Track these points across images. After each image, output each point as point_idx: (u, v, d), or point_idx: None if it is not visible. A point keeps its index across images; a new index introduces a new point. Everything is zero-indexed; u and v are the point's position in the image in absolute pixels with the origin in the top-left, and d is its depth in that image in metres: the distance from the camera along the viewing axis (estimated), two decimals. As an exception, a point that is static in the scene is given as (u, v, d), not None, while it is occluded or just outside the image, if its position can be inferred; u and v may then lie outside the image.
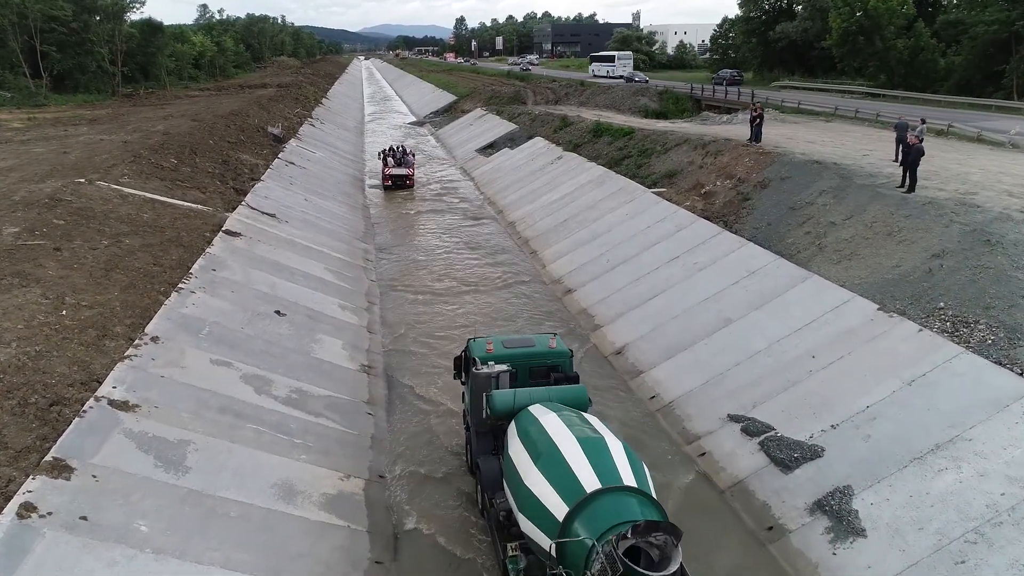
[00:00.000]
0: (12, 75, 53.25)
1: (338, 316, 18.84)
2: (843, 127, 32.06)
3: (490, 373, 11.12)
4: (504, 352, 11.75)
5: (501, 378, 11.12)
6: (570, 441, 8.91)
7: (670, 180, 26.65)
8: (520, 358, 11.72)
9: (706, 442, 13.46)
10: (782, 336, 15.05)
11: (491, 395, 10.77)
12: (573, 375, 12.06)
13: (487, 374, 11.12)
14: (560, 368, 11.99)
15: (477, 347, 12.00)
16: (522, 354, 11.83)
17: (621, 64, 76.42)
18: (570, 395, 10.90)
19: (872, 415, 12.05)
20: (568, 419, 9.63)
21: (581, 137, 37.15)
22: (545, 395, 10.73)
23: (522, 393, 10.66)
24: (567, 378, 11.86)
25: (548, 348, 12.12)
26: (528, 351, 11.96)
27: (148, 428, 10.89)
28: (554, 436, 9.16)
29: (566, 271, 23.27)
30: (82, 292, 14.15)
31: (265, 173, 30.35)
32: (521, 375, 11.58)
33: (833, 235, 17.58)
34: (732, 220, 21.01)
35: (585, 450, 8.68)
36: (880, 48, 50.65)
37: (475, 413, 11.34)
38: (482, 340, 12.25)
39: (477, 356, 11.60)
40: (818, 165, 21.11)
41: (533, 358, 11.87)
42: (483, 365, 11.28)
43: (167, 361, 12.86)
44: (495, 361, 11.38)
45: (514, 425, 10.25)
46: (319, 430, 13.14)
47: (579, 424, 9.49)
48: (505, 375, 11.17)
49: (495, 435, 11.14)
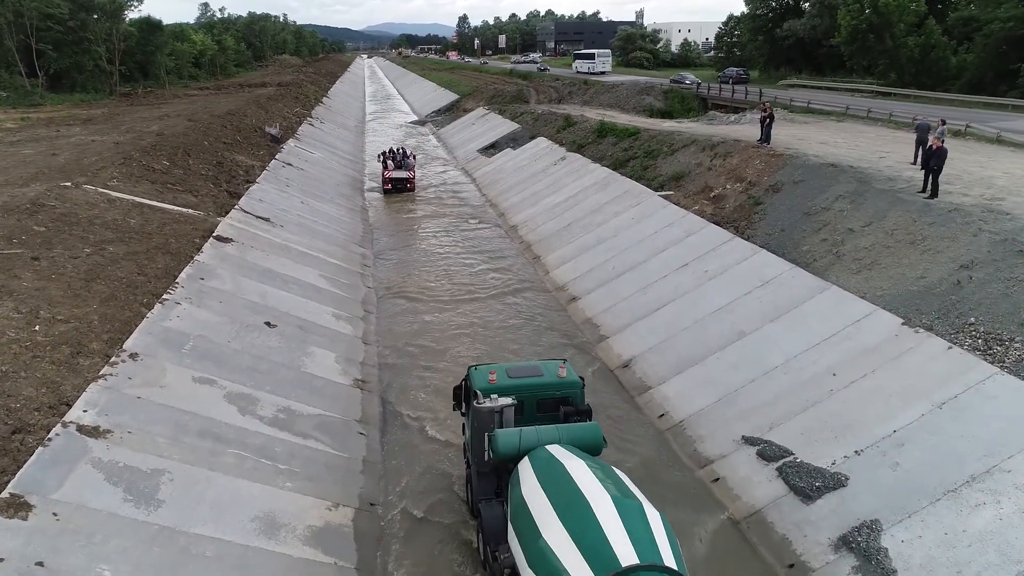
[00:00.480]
0: (8, 74, 52.53)
1: (332, 326, 18.03)
2: (856, 127, 31.14)
3: (493, 408, 10.11)
4: (508, 383, 10.73)
5: (505, 412, 10.13)
6: (603, 499, 7.75)
7: (677, 183, 25.79)
8: (526, 389, 10.71)
9: (720, 467, 12.62)
10: (799, 351, 14.20)
11: (494, 435, 9.74)
12: (585, 408, 11.01)
13: (489, 409, 10.12)
14: (570, 400, 10.94)
15: (478, 377, 10.99)
16: (528, 385, 10.80)
17: (600, 61, 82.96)
18: (583, 435, 9.82)
19: (899, 441, 11.20)
20: (598, 471, 8.50)
21: (585, 137, 36.30)
22: (555, 435, 9.68)
23: (529, 433, 9.65)
24: (578, 412, 10.85)
25: (557, 378, 11.03)
26: (535, 381, 10.91)
27: (119, 457, 10.09)
28: (584, 489, 8.00)
29: (570, 278, 22.43)
30: (58, 305, 13.36)
31: (261, 175, 29.55)
32: (527, 408, 10.66)
33: (851, 243, 16.70)
34: (743, 226, 20.15)
35: (621, 514, 7.55)
36: (890, 46, 49.62)
37: (476, 451, 10.38)
38: (484, 369, 11.23)
39: (478, 388, 10.60)
40: (833, 168, 20.23)
41: (540, 389, 10.84)
42: (485, 398, 10.27)
43: (145, 380, 12.06)
44: (498, 393, 10.38)
45: (528, 466, 9.11)
46: (307, 453, 12.33)
47: (612, 480, 8.35)
48: (510, 409, 10.16)
49: (499, 476, 10.15)
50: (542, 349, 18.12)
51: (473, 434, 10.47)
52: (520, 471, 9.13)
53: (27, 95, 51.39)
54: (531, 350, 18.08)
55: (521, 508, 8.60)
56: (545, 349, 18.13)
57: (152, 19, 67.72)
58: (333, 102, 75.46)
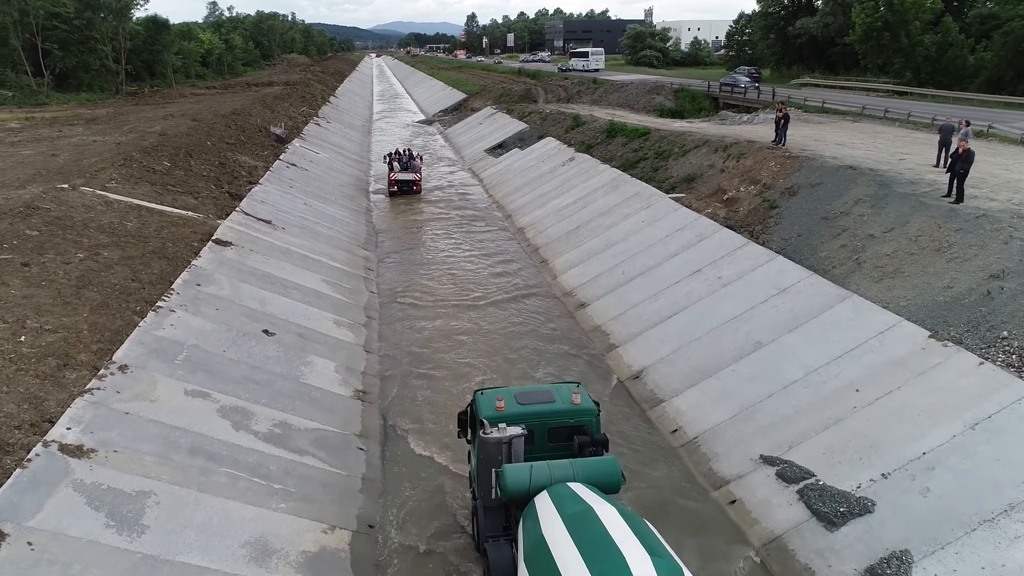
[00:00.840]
0: (14, 73, 52.27)
1: (332, 334, 17.48)
2: (873, 128, 30.31)
3: (500, 438, 9.31)
4: (517, 410, 9.92)
5: (514, 443, 9.36)
6: (641, 557, 7.03)
7: (689, 185, 25.10)
8: (537, 417, 9.91)
9: (737, 488, 11.98)
10: (820, 364, 13.53)
11: (502, 472, 8.91)
12: (601, 438, 10.14)
13: (497, 440, 9.31)
14: (585, 429, 10.09)
15: (485, 404, 10.14)
16: (539, 412, 9.97)
17: (593, 59, 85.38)
18: (600, 471, 8.97)
19: (929, 464, 10.53)
20: (631, 521, 7.73)
21: (594, 137, 35.61)
22: (569, 471, 8.83)
23: (540, 469, 8.83)
24: (594, 442, 10.00)
25: (571, 405, 10.15)
26: (546, 408, 10.06)
27: (103, 478, 9.56)
28: (618, 541, 7.30)
29: (578, 283, 21.80)
30: (47, 314, 12.84)
31: (264, 176, 29.07)
32: (538, 437, 9.89)
33: (873, 249, 16.00)
34: (758, 230, 19.45)
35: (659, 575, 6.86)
36: (905, 44, 48.69)
37: (483, 485, 9.54)
38: (491, 394, 10.38)
39: (485, 417, 9.78)
40: (852, 171, 19.50)
41: (552, 417, 10.01)
42: (492, 428, 9.46)
43: (134, 394, 11.53)
44: (507, 421, 9.59)
45: (549, 503, 8.22)
46: (302, 471, 11.77)
47: (646, 534, 7.58)
48: (519, 440, 9.38)
49: (507, 512, 9.37)
50: (549, 358, 17.52)
51: (479, 466, 9.67)
52: (538, 507, 8.31)
53: (33, 94, 51.13)
54: (538, 359, 17.47)
55: (540, 550, 7.78)
56: (552, 358, 17.53)
57: (159, 18, 67.39)
58: (340, 101, 75.06)
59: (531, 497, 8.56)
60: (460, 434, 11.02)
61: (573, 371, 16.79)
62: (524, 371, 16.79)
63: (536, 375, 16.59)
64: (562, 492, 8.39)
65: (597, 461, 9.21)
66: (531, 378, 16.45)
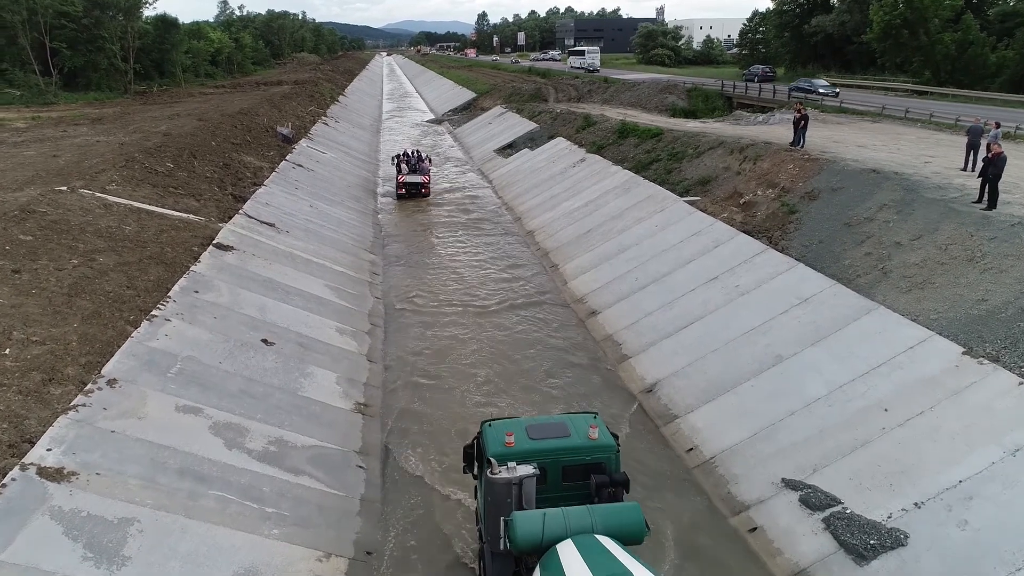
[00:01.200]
0: (22, 73, 52.12)
1: (334, 343, 16.89)
2: (893, 128, 29.42)
3: (510, 480, 8.39)
4: (529, 445, 9.00)
5: (525, 485, 8.43)
6: None
7: (704, 188, 24.35)
8: (550, 454, 9.00)
9: (757, 514, 11.27)
10: (845, 381, 12.79)
11: (511, 521, 7.92)
12: (620, 477, 9.09)
13: (506, 481, 8.38)
14: (603, 467, 9.11)
15: (492, 438, 9.21)
16: (553, 448, 9.04)
17: (590, 57, 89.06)
18: (621, 520, 7.96)
19: (967, 493, 9.80)
20: None
21: (605, 138, 34.89)
22: (587, 519, 7.85)
23: (554, 517, 7.83)
24: (612, 482, 8.99)
25: (587, 440, 9.15)
26: (561, 444, 9.10)
27: (83, 504, 8.99)
28: None
29: (589, 289, 21.12)
30: (35, 324, 12.31)
31: (269, 177, 28.56)
32: (551, 475, 8.97)
33: (899, 258, 15.22)
34: (777, 236, 18.70)
35: None
36: (925, 42, 47.62)
37: (491, 529, 8.59)
38: (500, 426, 9.42)
39: (493, 454, 8.84)
40: (875, 174, 18.71)
41: (567, 453, 9.07)
42: (501, 467, 8.51)
43: (122, 411, 10.97)
44: (517, 458, 8.68)
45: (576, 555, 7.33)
46: (298, 492, 11.17)
47: None
48: (530, 481, 8.45)
49: (518, 558, 8.46)
50: (560, 370, 16.85)
51: (486, 508, 8.67)
52: (564, 563, 7.32)
53: (41, 94, 50.93)
54: (548, 371, 16.81)
55: None
56: (563, 369, 16.87)
57: (168, 17, 67.18)
58: (349, 100, 74.63)
59: (543, 550, 7.71)
60: (466, 469, 10.02)
61: (584, 384, 16.13)
62: (534, 385, 16.14)
63: (546, 389, 15.93)
64: (589, 544, 7.49)
65: (618, 509, 8.17)
66: (540, 392, 15.80)
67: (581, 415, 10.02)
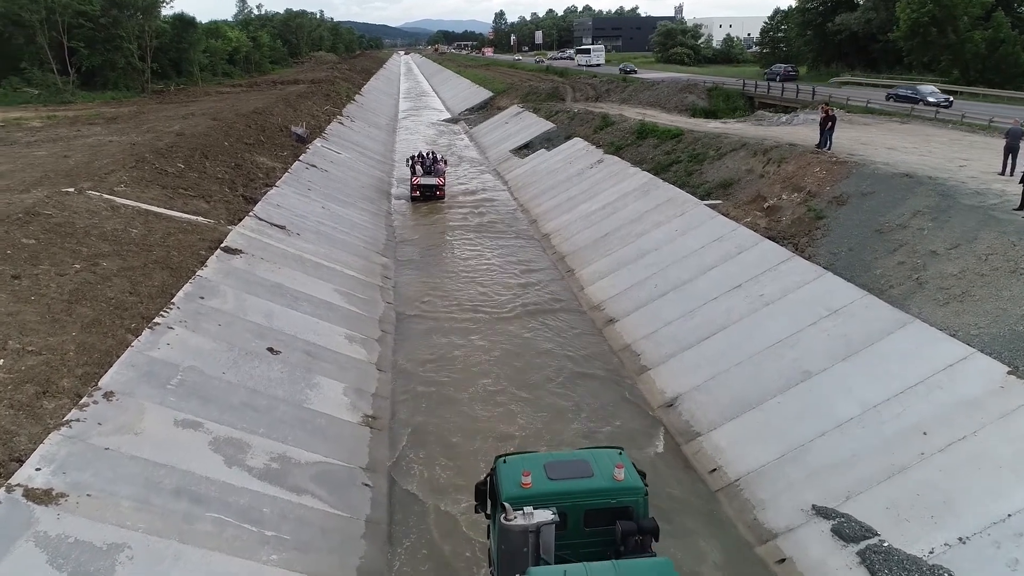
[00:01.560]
0: (40, 72, 52.32)
1: (343, 351, 16.38)
2: (923, 129, 28.43)
3: (526, 527, 7.55)
4: (548, 487, 8.11)
5: (543, 532, 7.60)
6: None
7: (726, 191, 23.57)
8: (571, 497, 8.11)
9: (786, 543, 10.57)
10: (879, 400, 12.04)
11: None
12: (649, 524, 8.17)
13: (522, 529, 7.55)
14: (630, 511, 8.23)
15: (507, 477, 8.32)
16: (574, 491, 8.13)
17: (595, 55, 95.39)
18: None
19: (1018, 529, 9.05)
20: None
21: (624, 138, 34.14)
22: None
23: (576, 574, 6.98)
24: (640, 529, 8.09)
25: (613, 482, 8.22)
26: (583, 486, 8.18)
27: (71, 528, 8.50)
28: None
29: (607, 296, 20.45)
30: (31, 333, 11.89)
31: (281, 178, 28.16)
32: (572, 520, 8.13)
33: (935, 268, 14.41)
34: (803, 243, 17.92)
35: None
36: (954, 41, 46.31)
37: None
38: (515, 463, 8.53)
39: (509, 498, 7.96)
40: (908, 179, 17.86)
41: (590, 496, 8.16)
42: (516, 511, 7.68)
43: (118, 426, 10.49)
44: (534, 501, 7.84)
45: None
46: (300, 514, 10.64)
47: None
48: (549, 528, 7.60)
49: None
50: (577, 381, 16.22)
51: (500, 557, 7.87)
52: None
53: (58, 92, 51.09)
54: (565, 383, 16.18)
55: None
56: (580, 381, 16.23)
57: (185, 16, 67.30)
58: (366, 99, 74.39)
59: None
60: (478, 508, 9.18)
61: (602, 397, 15.48)
62: (549, 399, 15.52)
63: (562, 403, 15.30)
64: None
65: (648, 567, 7.22)
66: (556, 407, 15.18)
67: (605, 450, 9.08)
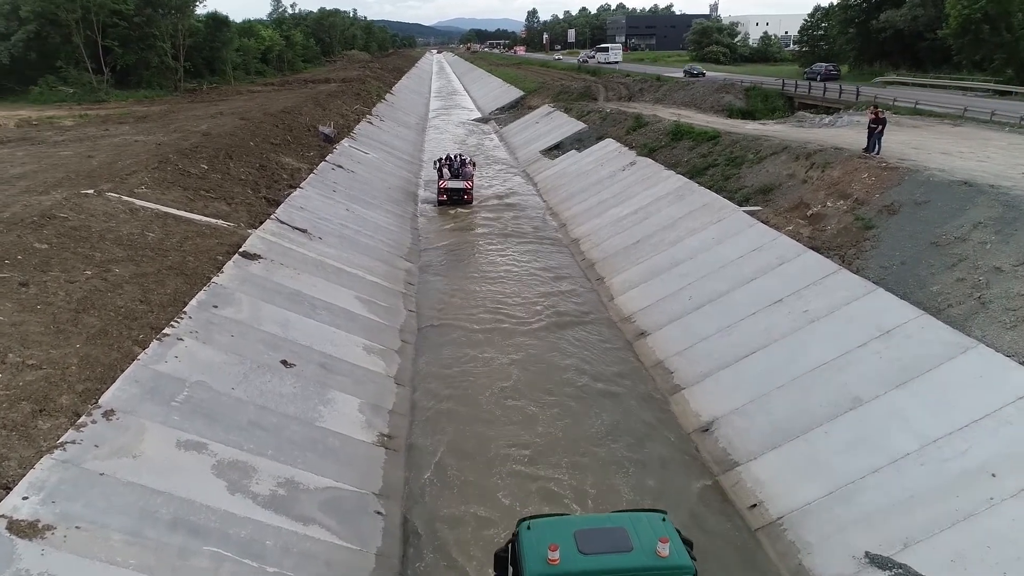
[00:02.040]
0: (75, 71, 52.94)
1: (360, 363, 15.68)
2: (979, 133, 26.81)
3: None
4: (578, 564, 6.90)
5: None
6: None
7: (765, 197, 22.38)
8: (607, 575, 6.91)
9: (836, 596, 9.54)
10: (939, 435, 10.92)
11: None
12: None
13: None
14: None
15: (531, 548, 7.13)
16: (610, 570, 6.88)
17: (612, 53, 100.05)
18: None
19: (1109, 595, 7.92)
20: None
21: (657, 140, 33.02)
22: None
23: None
24: None
25: (656, 559, 6.95)
26: (621, 564, 6.92)
27: (55, 566, 7.87)
28: None
29: (638, 307, 19.46)
30: (34, 345, 11.37)
31: (306, 179, 27.66)
32: None
33: (1000, 286, 13.18)
34: (851, 255, 16.74)
35: None
36: (1008, 38, 44.15)
37: None
38: (541, 529, 7.38)
39: (532, 575, 6.88)
40: (967, 187, 16.57)
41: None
42: None
43: (115, 448, 9.88)
44: None
45: None
46: (305, 547, 9.92)
47: None
48: None
49: None
50: (606, 400, 15.29)
51: None
52: None
53: (93, 91, 51.61)
54: (593, 401, 15.26)
55: None
56: (609, 399, 15.30)
57: (219, 15, 67.71)
58: (396, 99, 74.10)
59: None
60: None
61: (633, 418, 14.54)
62: (576, 420, 14.61)
63: (589, 423, 14.39)
64: None
65: None
66: (584, 428, 14.27)
67: (646, 515, 7.81)
